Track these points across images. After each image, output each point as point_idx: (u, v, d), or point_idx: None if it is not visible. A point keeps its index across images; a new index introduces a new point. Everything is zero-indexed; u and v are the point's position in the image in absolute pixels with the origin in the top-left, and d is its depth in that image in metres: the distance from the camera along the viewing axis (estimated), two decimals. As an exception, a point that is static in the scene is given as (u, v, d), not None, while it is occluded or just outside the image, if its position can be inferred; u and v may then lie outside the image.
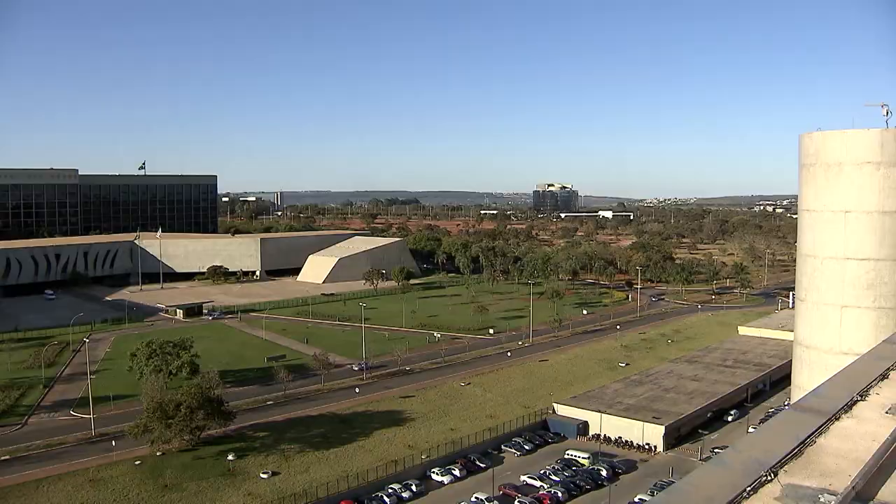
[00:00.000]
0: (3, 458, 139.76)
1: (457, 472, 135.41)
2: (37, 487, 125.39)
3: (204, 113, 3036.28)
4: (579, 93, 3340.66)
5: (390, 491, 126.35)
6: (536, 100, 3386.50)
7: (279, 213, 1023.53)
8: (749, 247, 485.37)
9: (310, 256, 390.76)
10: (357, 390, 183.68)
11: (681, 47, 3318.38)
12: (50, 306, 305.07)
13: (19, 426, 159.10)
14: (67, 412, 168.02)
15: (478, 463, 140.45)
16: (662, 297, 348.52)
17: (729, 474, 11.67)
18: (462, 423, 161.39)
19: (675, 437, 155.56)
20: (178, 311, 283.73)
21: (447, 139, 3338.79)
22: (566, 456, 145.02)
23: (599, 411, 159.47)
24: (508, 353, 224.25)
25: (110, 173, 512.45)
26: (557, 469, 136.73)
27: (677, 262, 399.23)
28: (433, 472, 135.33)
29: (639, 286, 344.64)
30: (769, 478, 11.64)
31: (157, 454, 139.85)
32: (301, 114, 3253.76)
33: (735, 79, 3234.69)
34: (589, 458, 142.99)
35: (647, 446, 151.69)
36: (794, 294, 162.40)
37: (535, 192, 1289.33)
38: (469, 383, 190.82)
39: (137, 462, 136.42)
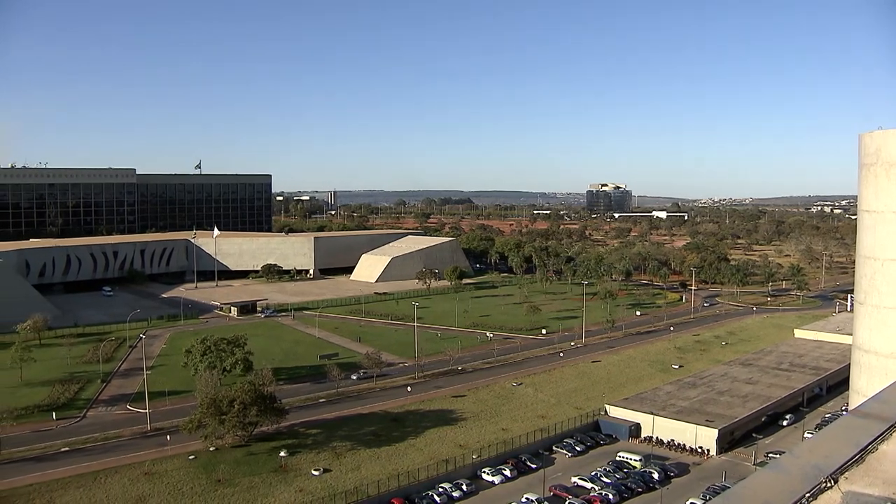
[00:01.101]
0: (63, 449, 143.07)
1: (507, 473, 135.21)
2: (94, 479, 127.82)
3: (260, 112, 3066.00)
4: (634, 92, 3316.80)
5: (441, 490, 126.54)
6: (591, 99, 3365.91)
7: (333, 213, 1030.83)
8: (806, 248, 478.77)
9: (363, 255, 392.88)
10: (409, 389, 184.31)
11: (738, 47, 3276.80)
12: (108, 303, 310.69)
13: (78, 419, 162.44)
14: (124, 406, 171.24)
15: (529, 463, 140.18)
16: (717, 298, 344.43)
17: (787, 480, 11.57)
18: (513, 423, 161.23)
19: (728, 441, 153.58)
20: (232, 308, 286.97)
21: (500, 139, 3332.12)
22: (618, 458, 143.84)
23: (652, 413, 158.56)
24: (561, 354, 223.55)
25: (167, 172, 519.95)
26: (609, 471, 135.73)
27: (732, 263, 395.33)
28: (484, 472, 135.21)
29: (693, 287, 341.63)
30: (829, 484, 11.52)
31: (211, 449, 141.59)
32: (355, 113, 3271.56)
33: (793, 77, 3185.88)
34: (641, 460, 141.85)
35: (699, 450, 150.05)
36: (852, 297, 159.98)
37: (588, 191, 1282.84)
38: (521, 383, 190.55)
39: (191, 456, 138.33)
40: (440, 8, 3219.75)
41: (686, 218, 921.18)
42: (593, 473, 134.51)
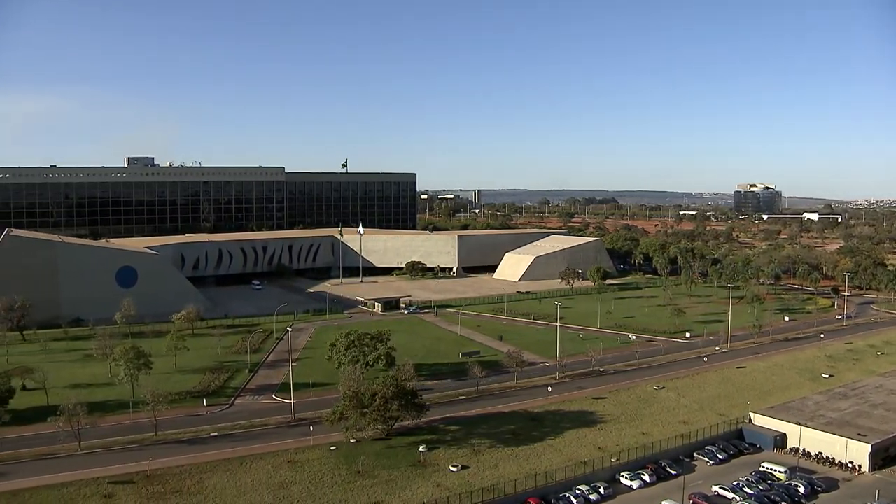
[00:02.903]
0: (212, 434, 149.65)
1: (646, 478, 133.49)
2: (240, 464, 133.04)
3: (406, 112, 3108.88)
4: (783, 90, 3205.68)
5: (578, 492, 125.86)
6: (739, 99, 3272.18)
7: (476, 211, 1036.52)
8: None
9: (506, 254, 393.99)
10: (549, 389, 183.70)
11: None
12: (256, 296, 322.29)
13: (227, 406, 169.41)
14: (270, 396, 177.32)
15: (668, 469, 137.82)
16: (872, 306, 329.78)
17: None
18: (654, 427, 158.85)
19: (882, 458, 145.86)
20: (376, 304, 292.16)
21: (645, 138, 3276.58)
22: (761, 469, 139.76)
23: (799, 424, 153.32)
24: (705, 358, 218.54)
25: (315, 171, 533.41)
26: (752, 482, 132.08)
27: (889, 268, 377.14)
28: (622, 476, 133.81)
29: (846, 293, 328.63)
30: None
31: (352, 441, 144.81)
32: (499, 112, 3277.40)
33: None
34: (786, 472, 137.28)
35: (850, 465, 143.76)
36: None
37: (735, 192, 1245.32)
38: (663, 387, 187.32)
39: (333, 447, 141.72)
40: (588, 6, 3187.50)
41: (839, 220, 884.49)
42: (735, 483, 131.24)
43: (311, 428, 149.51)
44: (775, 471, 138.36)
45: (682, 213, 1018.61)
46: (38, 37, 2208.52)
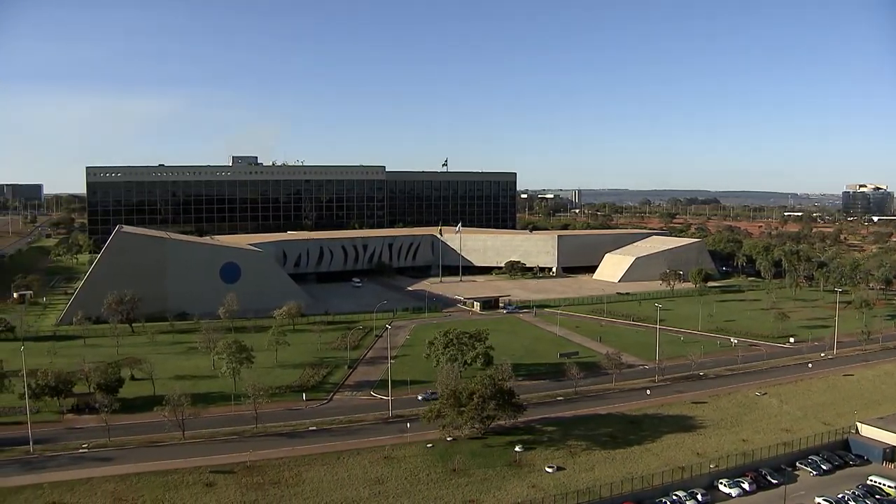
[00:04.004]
0: (310, 428, 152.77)
1: (746, 486, 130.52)
2: (337, 458, 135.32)
3: (506, 111, 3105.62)
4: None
5: (675, 498, 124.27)
6: (850, 96, 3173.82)
7: (576, 211, 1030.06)
8: None
9: (606, 255, 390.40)
10: (648, 392, 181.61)
11: None
12: (356, 293, 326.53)
13: (326, 401, 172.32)
14: (368, 392, 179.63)
15: (769, 478, 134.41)
16: None
17: None
18: (755, 434, 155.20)
19: None
20: (475, 303, 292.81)
21: (749, 138, 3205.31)
22: (869, 482, 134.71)
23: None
24: (809, 365, 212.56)
25: (415, 170, 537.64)
26: (858, 495, 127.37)
27: None
28: (721, 483, 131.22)
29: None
30: None
31: (448, 439, 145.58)
32: (600, 112, 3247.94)
33: None
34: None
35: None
36: None
37: (844, 192, 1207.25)
38: (765, 393, 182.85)
39: (429, 445, 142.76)
40: (694, 4, 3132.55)
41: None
42: (840, 496, 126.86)
43: (408, 425, 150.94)
44: (884, 485, 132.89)
45: (787, 214, 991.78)
46: (149, 42, 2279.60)
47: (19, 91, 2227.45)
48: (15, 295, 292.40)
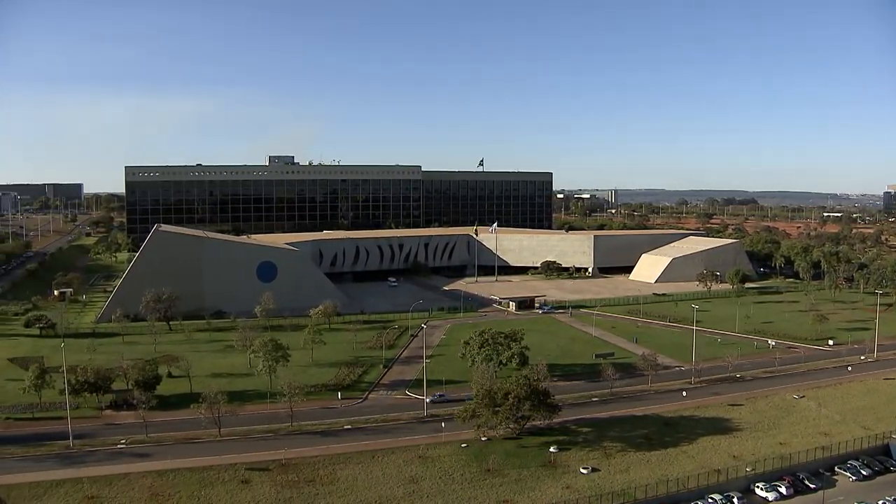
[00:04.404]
0: (345, 427, 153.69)
1: (783, 490, 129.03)
2: (372, 457, 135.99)
3: (541, 112, 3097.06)
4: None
5: (710, 501, 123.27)
6: (891, 97, 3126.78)
7: (613, 211, 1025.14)
8: None
9: (642, 255, 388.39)
10: (684, 394, 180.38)
11: None
12: (392, 292, 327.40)
13: (361, 400, 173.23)
14: (403, 392, 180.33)
15: (807, 483, 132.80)
16: None
17: None
18: (792, 437, 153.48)
19: None
20: (510, 303, 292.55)
21: (786, 138, 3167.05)
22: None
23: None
24: (849, 368, 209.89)
25: (450, 170, 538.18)
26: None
27: None
28: (757, 487, 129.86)
29: None
30: None
31: (483, 439, 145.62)
32: (635, 113, 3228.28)
33: None
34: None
35: None
36: None
37: (885, 193, 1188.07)
38: (803, 396, 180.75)
39: (463, 444, 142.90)
40: (729, 4, 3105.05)
41: None
42: (880, 503, 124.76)
43: (443, 424, 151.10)
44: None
45: (826, 214, 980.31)
46: (187, 42, 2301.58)
47: (61, 92, 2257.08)
48: (56, 292, 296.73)
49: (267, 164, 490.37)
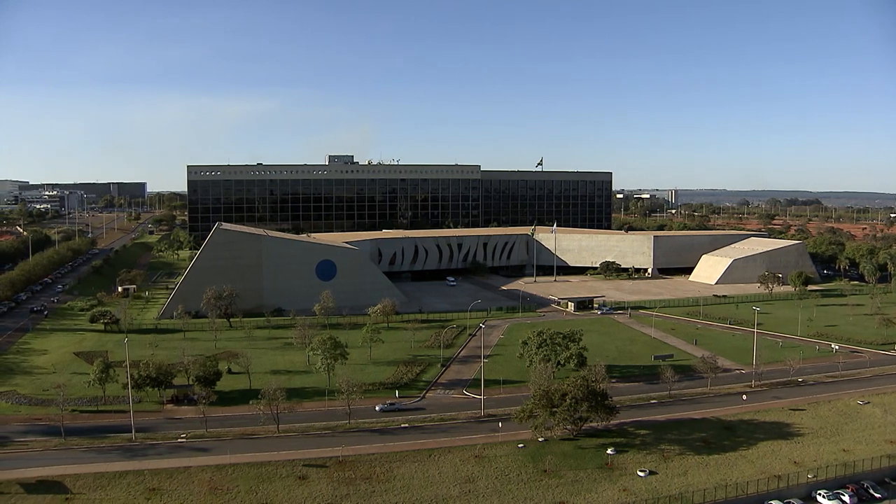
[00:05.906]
0: (403, 425, 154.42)
1: (846, 498, 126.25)
2: (429, 456, 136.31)
3: (601, 111, 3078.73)
4: None
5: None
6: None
7: (673, 212, 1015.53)
8: None
9: (703, 256, 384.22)
10: (744, 397, 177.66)
11: None
12: (450, 292, 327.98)
13: (418, 399, 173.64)
14: (461, 391, 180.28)
15: (872, 492, 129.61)
16: None
17: None
18: (856, 444, 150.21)
19: None
20: (569, 303, 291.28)
21: (852, 137, 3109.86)
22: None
23: None
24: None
25: (509, 169, 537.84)
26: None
27: None
28: (819, 495, 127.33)
29: None
30: None
31: (539, 440, 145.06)
32: (697, 112, 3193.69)
33: None
34: None
35: None
36: None
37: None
38: (868, 402, 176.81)
39: (520, 445, 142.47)
40: (796, 3, 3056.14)
41: None
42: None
43: (500, 424, 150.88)
44: None
45: (893, 215, 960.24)
46: (248, 43, 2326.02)
47: (127, 92, 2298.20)
48: (119, 289, 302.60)
49: (326, 163, 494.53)
